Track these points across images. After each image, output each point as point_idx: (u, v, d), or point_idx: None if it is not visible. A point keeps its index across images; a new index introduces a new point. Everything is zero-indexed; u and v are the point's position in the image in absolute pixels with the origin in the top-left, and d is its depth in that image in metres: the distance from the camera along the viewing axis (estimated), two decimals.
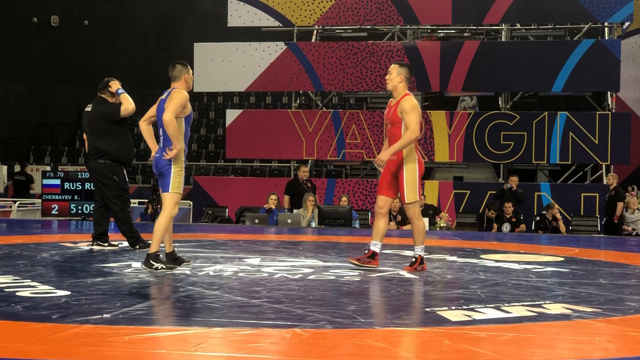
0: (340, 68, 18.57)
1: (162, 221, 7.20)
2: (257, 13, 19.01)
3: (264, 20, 19.11)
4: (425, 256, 7.79)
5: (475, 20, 18.95)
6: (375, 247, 7.58)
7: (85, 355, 4.10)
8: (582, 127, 17.55)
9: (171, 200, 7.29)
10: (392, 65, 7.65)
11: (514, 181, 16.32)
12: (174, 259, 7.45)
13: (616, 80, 17.51)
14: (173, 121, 7.18)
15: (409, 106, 7.33)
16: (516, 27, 19.74)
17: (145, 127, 7.82)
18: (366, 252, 7.65)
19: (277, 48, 18.83)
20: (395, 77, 7.49)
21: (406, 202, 7.47)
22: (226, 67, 18.85)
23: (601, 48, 17.61)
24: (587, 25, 18.62)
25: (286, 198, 15.66)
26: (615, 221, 15.99)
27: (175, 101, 7.29)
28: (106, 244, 9.33)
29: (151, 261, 7.25)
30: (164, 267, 7.25)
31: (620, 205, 16.19)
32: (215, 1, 26.78)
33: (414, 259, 7.64)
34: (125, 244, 9.42)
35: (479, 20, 18.86)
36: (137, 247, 9.12)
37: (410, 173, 7.41)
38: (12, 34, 27.19)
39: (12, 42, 27.21)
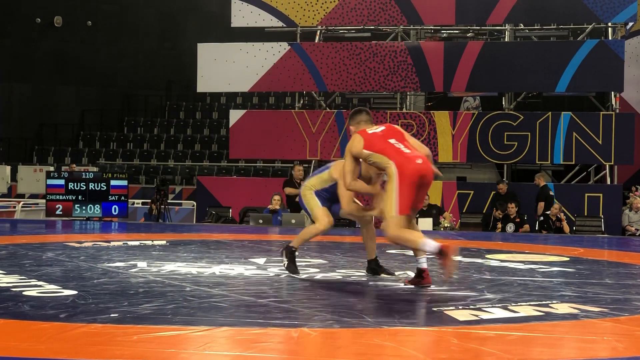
0: (343, 68, 18.56)
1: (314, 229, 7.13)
2: (260, 13, 19.00)
3: (268, 21, 19.10)
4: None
5: (479, 20, 18.93)
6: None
7: (94, 354, 4.10)
8: (585, 127, 17.53)
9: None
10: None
11: (501, 189, 16.30)
12: (372, 268, 7.30)
13: (620, 81, 17.48)
14: None
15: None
16: (520, 28, 19.72)
17: None
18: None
19: (280, 48, 18.83)
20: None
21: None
22: (229, 67, 18.84)
23: (605, 48, 17.59)
24: (590, 26, 18.59)
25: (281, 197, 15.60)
26: (536, 218, 15.95)
27: None
28: None
29: (285, 252, 7.20)
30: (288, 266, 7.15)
31: (540, 204, 16.20)
32: (218, 1, 26.79)
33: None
34: (131, 243, 9.42)
35: (482, 21, 18.83)
36: None
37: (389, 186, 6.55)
38: (15, 35, 27.20)
39: (16, 43, 27.22)
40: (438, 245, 6.10)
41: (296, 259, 7.24)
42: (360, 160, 6.75)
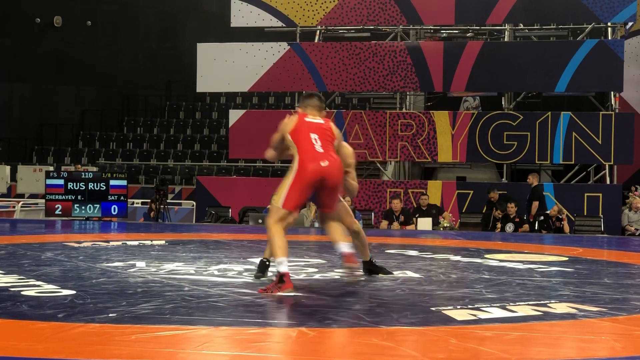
0: (343, 68, 18.56)
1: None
2: (260, 13, 19.00)
3: (267, 21, 19.10)
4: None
5: (479, 20, 18.92)
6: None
7: (92, 354, 4.10)
8: (585, 127, 17.52)
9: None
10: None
11: (493, 197, 16.30)
12: (368, 269, 7.23)
13: (619, 81, 17.47)
14: None
15: None
16: (519, 27, 19.72)
17: None
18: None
19: (280, 48, 18.82)
20: None
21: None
22: (229, 67, 18.83)
23: (604, 48, 17.58)
24: (590, 26, 18.59)
25: None
26: (531, 219, 15.96)
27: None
28: None
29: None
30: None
31: (535, 204, 16.22)
32: (218, 1, 26.79)
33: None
34: (130, 243, 9.42)
35: (482, 21, 18.83)
36: None
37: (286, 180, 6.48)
38: (15, 35, 27.20)
39: (15, 43, 27.22)
40: (285, 272, 6.03)
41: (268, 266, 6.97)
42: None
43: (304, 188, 6.33)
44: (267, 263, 6.94)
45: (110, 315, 5.09)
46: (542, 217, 15.87)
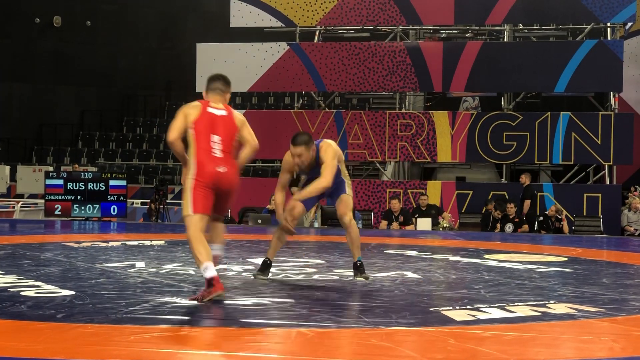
0: (342, 68, 18.57)
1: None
2: (259, 13, 19.01)
3: (267, 21, 19.11)
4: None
5: (478, 20, 18.94)
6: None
7: (91, 355, 4.10)
8: (584, 127, 17.53)
9: None
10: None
11: (490, 209, 16.30)
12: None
13: (619, 81, 17.48)
14: None
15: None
16: (519, 28, 19.72)
17: None
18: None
19: (279, 48, 18.83)
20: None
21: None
22: (229, 67, 18.81)
23: (604, 48, 17.59)
24: (589, 26, 18.60)
25: None
26: (524, 218, 16.01)
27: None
28: None
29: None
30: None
31: (527, 202, 16.29)
32: (217, 1, 26.77)
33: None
34: (130, 243, 9.42)
35: (481, 21, 18.84)
36: None
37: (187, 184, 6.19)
38: (15, 35, 27.19)
39: (15, 43, 27.21)
40: (213, 276, 5.68)
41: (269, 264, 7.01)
42: None
43: (206, 190, 6.04)
44: (269, 262, 6.93)
45: (110, 315, 5.09)
46: (541, 218, 15.87)
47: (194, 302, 5.57)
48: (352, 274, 7.03)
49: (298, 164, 6.98)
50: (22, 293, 5.84)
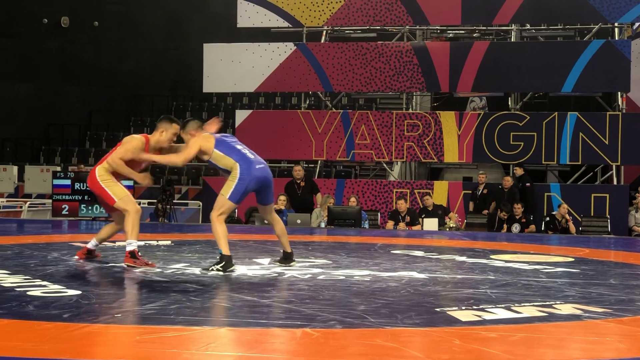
0: (349, 69, 18.57)
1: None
2: (266, 14, 19.02)
3: (274, 21, 19.12)
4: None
5: (485, 20, 18.92)
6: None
7: (97, 355, 4.12)
8: (592, 127, 17.49)
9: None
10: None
11: (503, 217, 16.31)
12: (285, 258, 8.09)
13: (626, 81, 17.45)
14: None
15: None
16: (526, 28, 19.69)
17: None
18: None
19: (286, 49, 18.84)
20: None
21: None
22: (235, 67, 18.86)
23: (611, 48, 17.56)
24: (597, 26, 18.56)
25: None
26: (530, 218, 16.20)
27: None
28: None
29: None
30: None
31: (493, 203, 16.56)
32: (224, 2, 26.79)
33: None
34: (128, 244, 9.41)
35: (488, 21, 18.82)
36: None
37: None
38: (22, 35, 27.26)
39: (22, 43, 27.27)
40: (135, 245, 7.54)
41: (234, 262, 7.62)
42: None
43: None
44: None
45: (116, 315, 5.10)
46: (548, 218, 15.84)
47: (199, 302, 5.58)
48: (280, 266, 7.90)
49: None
50: (28, 293, 5.85)
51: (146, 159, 7.85)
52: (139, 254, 7.58)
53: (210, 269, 7.36)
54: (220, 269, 7.30)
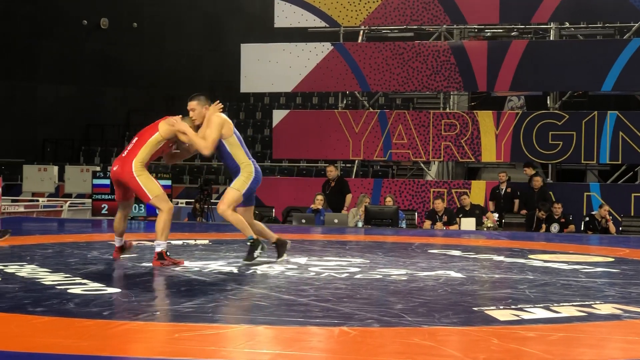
0: (386, 68, 18.53)
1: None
2: (303, 14, 19.04)
3: (310, 21, 19.14)
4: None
5: (523, 19, 18.78)
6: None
7: (136, 352, 4.16)
8: (632, 126, 17.29)
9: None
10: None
11: (542, 216, 16.16)
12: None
13: None
14: None
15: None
16: (565, 26, 19.50)
17: None
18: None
19: (323, 49, 18.85)
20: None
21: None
22: (273, 67, 18.91)
23: None
24: (637, 24, 18.32)
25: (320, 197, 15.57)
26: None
27: None
28: None
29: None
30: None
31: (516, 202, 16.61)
32: (261, 2, 26.92)
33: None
34: (174, 242, 9.49)
35: (526, 19, 18.68)
36: None
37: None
38: (63, 37, 27.60)
39: (63, 45, 27.62)
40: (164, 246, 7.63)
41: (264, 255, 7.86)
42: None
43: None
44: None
45: (155, 313, 5.15)
46: (587, 218, 15.69)
47: (237, 301, 5.61)
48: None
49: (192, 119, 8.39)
50: (69, 290, 5.93)
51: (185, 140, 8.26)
52: (167, 253, 7.63)
53: (254, 256, 7.78)
54: (260, 252, 7.76)
